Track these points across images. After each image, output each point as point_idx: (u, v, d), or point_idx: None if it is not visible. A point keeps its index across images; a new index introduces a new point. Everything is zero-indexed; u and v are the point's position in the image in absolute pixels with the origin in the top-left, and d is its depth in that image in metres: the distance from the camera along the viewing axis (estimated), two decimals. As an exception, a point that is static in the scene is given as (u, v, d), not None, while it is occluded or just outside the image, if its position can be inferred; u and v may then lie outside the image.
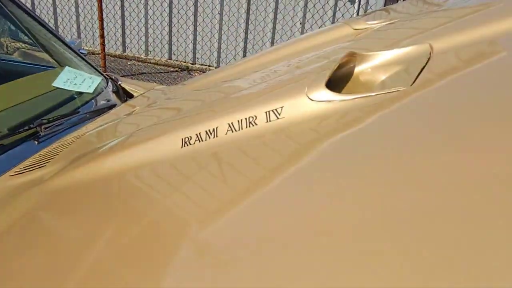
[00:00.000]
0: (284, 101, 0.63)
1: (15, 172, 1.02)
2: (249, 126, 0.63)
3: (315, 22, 5.11)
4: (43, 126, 1.39)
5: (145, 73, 5.69)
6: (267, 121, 0.63)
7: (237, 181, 0.59)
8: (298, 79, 0.69)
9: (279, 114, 0.63)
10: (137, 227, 0.59)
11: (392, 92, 0.58)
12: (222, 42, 5.54)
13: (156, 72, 5.74)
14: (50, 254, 0.64)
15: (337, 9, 5.05)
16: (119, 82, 1.98)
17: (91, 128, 1.22)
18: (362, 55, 0.72)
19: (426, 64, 0.64)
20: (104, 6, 5.47)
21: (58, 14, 5.96)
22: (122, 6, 5.68)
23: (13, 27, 2.06)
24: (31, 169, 1.00)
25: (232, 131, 0.64)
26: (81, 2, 5.81)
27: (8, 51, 2.26)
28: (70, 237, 0.66)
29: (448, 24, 0.82)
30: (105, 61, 5.27)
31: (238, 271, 0.41)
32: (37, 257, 0.65)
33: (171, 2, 5.49)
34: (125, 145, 0.77)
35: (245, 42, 5.45)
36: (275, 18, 5.25)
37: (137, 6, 5.63)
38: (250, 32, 5.40)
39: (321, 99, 0.61)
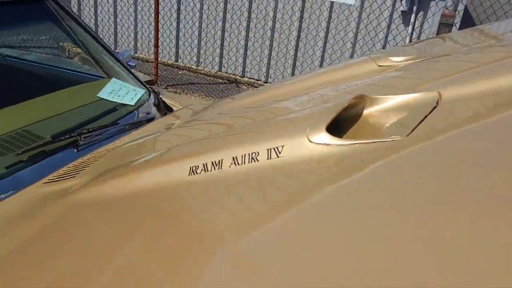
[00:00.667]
0: (286, 140, 0.66)
1: (49, 180, 1.10)
2: (251, 162, 0.66)
3: (365, 44, 5.07)
4: (82, 136, 1.48)
5: (195, 83, 5.85)
6: (268, 158, 0.66)
7: (231, 214, 0.62)
8: (301, 120, 0.72)
9: (280, 153, 0.65)
10: (159, 245, 0.63)
11: (386, 141, 0.59)
12: (271, 58, 5.61)
13: (205, 83, 5.88)
14: (74, 264, 0.69)
15: (389, 31, 4.99)
16: (161, 96, 2.07)
17: (124, 142, 1.29)
18: (371, 98, 0.73)
19: (429, 113, 0.65)
20: (160, 17, 5.70)
21: (117, 24, 6.26)
22: (178, 18, 5.89)
23: (70, 40, 2.20)
24: (63, 178, 1.07)
25: (235, 165, 0.67)
26: (139, 13, 6.08)
27: (70, 56, 2.41)
28: (96, 247, 0.71)
29: (475, 69, 0.81)
30: (157, 70, 5.47)
31: None
32: (58, 266, 0.71)
33: (224, 17, 5.63)
34: (140, 167, 0.82)
35: (294, 60, 5.49)
36: (325, 37, 5.26)
37: (191, 19, 5.82)
38: (300, 50, 5.44)
39: (320, 142, 0.63)
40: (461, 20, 4.60)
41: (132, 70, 2.25)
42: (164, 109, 2.02)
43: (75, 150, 1.47)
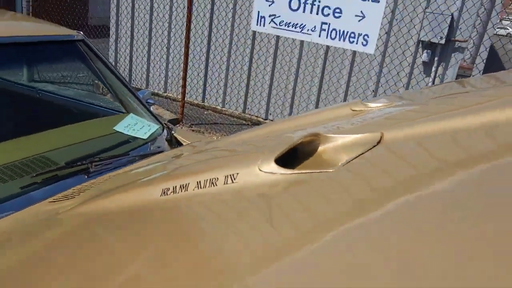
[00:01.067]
0: (240, 169, 0.76)
1: (54, 199, 1.23)
2: (211, 186, 0.77)
3: (384, 92, 5.17)
4: (93, 163, 1.62)
5: (218, 123, 6.04)
6: (224, 183, 0.76)
7: (189, 230, 0.72)
8: (255, 152, 0.82)
9: (235, 179, 0.75)
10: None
11: (321, 172, 0.69)
12: (294, 102, 5.77)
13: (229, 124, 6.07)
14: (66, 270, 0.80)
15: (410, 81, 5.09)
16: (173, 132, 2.21)
17: (125, 170, 1.41)
18: (324, 136, 0.83)
19: (366, 151, 0.74)
20: (191, 56, 6.00)
21: (150, 64, 6.61)
22: (207, 59, 6.18)
23: (96, 78, 2.40)
24: (66, 198, 1.20)
25: (198, 188, 0.78)
26: (170, 55, 6.42)
27: (95, 92, 2.61)
28: (83, 256, 0.81)
29: (424, 116, 0.91)
30: (183, 109, 5.71)
31: None
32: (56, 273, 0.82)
33: (250, 61, 5.87)
34: (124, 189, 0.93)
35: (316, 105, 5.63)
36: (347, 85, 5.40)
37: (218, 62, 6.10)
38: (321, 95, 5.59)
39: (268, 171, 0.73)
40: (484, 67, 4.64)
41: (151, 108, 2.43)
42: (175, 144, 2.16)
43: (86, 176, 1.61)
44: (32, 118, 2.11)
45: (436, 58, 5.00)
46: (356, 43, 4.63)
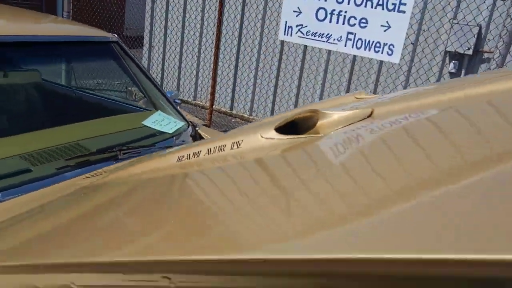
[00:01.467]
0: (245, 136, 0.87)
1: (86, 176, 1.37)
2: (219, 152, 0.88)
3: (411, 101, 5.19)
4: (122, 151, 1.77)
5: (245, 130, 6.17)
6: (231, 149, 0.87)
7: (199, 182, 0.84)
8: (259, 124, 0.94)
9: (240, 145, 0.87)
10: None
11: (310, 136, 0.79)
12: (319, 110, 5.85)
13: (256, 131, 6.18)
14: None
15: (436, 90, 5.10)
16: (197, 128, 2.35)
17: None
18: (322, 112, 0.94)
19: (355, 122, 0.84)
20: (220, 65, 6.19)
21: (181, 72, 6.85)
22: (236, 68, 6.36)
23: (127, 78, 2.58)
24: (97, 174, 1.34)
25: (208, 154, 0.90)
26: (201, 63, 6.64)
27: (135, 99, 2.79)
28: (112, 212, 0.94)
29: (409, 99, 1.00)
30: (211, 116, 5.87)
31: None
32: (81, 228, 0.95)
33: (278, 70, 6.01)
34: (148, 159, 1.06)
35: (341, 113, 5.69)
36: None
37: (246, 71, 6.26)
38: (347, 104, 5.65)
39: (268, 137, 0.84)
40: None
41: (177, 107, 2.58)
42: (199, 139, 2.29)
43: (114, 162, 1.75)
44: (69, 111, 2.29)
45: (463, 69, 4.99)
46: (382, 53, 4.70)
